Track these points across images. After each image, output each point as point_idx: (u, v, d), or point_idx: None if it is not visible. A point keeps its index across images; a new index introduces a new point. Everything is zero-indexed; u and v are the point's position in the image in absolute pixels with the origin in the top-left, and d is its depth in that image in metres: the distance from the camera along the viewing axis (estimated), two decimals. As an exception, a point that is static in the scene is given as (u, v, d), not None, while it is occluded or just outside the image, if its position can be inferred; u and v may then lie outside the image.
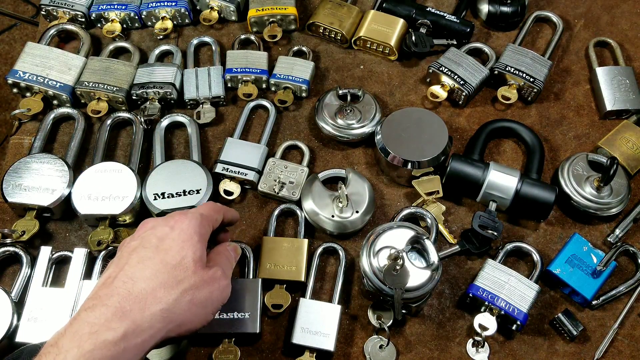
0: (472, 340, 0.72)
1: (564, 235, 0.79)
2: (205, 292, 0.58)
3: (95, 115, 0.86)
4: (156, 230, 0.60)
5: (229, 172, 0.80)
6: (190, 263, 0.58)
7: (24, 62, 0.86)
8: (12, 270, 0.76)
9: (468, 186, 0.79)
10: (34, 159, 0.79)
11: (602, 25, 0.97)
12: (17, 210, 0.78)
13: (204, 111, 0.86)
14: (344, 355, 0.71)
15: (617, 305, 0.75)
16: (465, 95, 0.87)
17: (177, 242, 0.59)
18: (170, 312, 0.55)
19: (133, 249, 0.58)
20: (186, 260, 0.58)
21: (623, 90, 0.87)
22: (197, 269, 0.58)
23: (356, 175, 0.80)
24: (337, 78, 0.92)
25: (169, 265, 0.57)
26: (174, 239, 0.59)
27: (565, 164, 0.81)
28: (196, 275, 0.58)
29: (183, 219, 0.60)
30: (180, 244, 0.58)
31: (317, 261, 0.76)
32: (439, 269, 0.68)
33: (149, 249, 0.58)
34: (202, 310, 0.58)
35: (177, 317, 0.56)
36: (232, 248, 0.67)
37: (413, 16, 0.94)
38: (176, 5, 0.93)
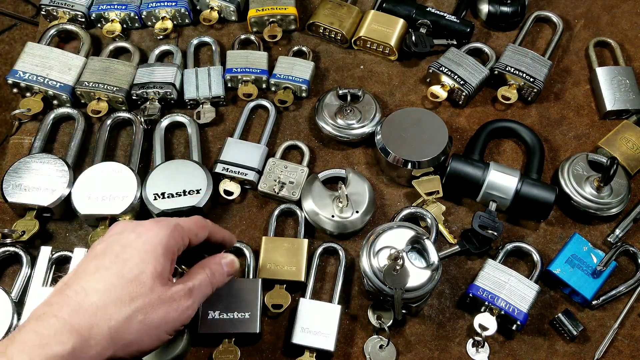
0: (472, 340, 0.72)
1: (564, 235, 0.79)
2: (161, 312, 0.54)
3: (95, 115, 0.86)
4: (121, 237, 0.56)
5: (229, 172, 0.80)
6: (148, 278, 0.53)
7: (24, 62, 0.86)
8: (12, 270, 0.76)
9: (468, 186, 0.79)
10: (34, 159, 0.79)
11: (602, 25, 0.97)
12: (17, 210, 0.78)
13: (204, 111, 0.86)
14: (344, 355, 0.71)
15: (617, 305, 0.75)
16: (465, 95, 0.87)
17: (139, 252, 0.54)
18: (119, 331, 0.51)
19: (95, 255, 0.55)
20: (144, 275, 0.53)
21: (623, 90, 0.87)
22: (155, 285, 0.54)
23: (356, 175, 0.80)
24: (337, 78, 0.92)
25: (125, 278, 0.53)
26: (137, 248, 0.54)
27: (565, 164, 0.81)
28: (153, 294, 0.53)
29: (152, 226, 0.56)
30: (142, 255, 0.54)
31: (317, 261, 0.76)
32: (439, 269, 0.68)
33: (109, 258, 0.54)
34: (154, 331, 0.54)
35: (126, 337, 0.52)
36: (228, 262, 0.62)
37: (413, 16, 0.94)
38: (176, 5, 0.93)
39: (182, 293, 0.56)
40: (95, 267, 0.53)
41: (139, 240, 0.55)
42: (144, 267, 0.54)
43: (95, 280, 0.52)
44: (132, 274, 0.53)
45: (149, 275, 0.54)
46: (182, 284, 0.56)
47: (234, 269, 0.63)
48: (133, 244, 0.55)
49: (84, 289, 0.52)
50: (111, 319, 0.51)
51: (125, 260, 0.54)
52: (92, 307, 0.51)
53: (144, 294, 0.53)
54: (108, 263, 0.54)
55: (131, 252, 0.54)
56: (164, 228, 0.56)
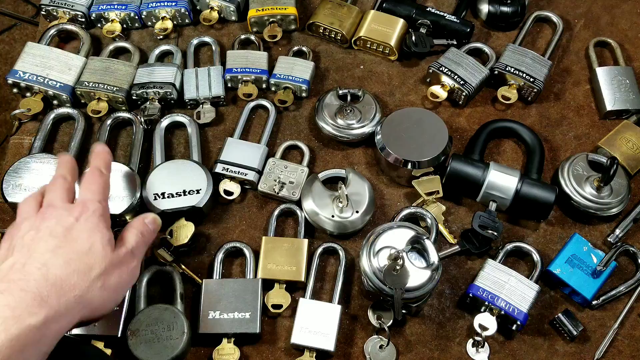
0: (472, 340, 0.72)
1: (564, 235, 0.79)
2: (115, 276, 0.59)
3: (95, 115, 0.86)
4: (61, 220, 0.59)
5: (229, 172, 0.80)
6: (99, 248, 0.59)
7: (24, 62, 0.86)
8: (12, 270, 0.75)
9: (468, 186, 0.79)
10: (34, 159, 0.78)
11: (602, 25, 0.97)
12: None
13: (204, 111, 0.86)
14: (344, 355, 0.71)
15: (617, 305, 0.75)
16: (465, 95, 0.87)
17: (84, 230, 0.59)
18: (84, 298, 0.56)
19: (32, 239, 0.58)
20: (96, 245, 0.59)
21: (623, 90, 0.87)
22: (106, 253, 0.59)
23: (356, 175, 0.80)
24: (337, 78, 0.92)
25: (80, 252, 0.57)
26: (81, 229, 0.59)
27: (565, 164, 0.81)
28: (106, 260, 0.59)
29: (85, 210, 0.61)
30: (88, 232, 0.59)
31: (317, 261, 0.76)
32: (439, 269, 0.68)
33: (57, 238, 0.57)
34: (113, 294, 0.60)
35: (91, 302, 0.57)
36: (150, 220, 0.67)
37: (413, 16, 0.94)
38: (176, 5, 0.93)
39: (128, 255, 0.62)
40: (46, 247, 0.57)
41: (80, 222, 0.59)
42: (93, 240, 0.59)
43: (52, 257, 0.56)
44: (85, 247, 0.58)
45: (99, 246, 0.59)
46: (123, 247, 0.62)
47: (157, 225, 0.68)
48: (76, 226, 0.59)
49: (45, 264, 0.55)
50: (75, 288, 0.55)
51: (74, 239, 0.58)
52: (57, 279, 0.55)
53: (99, 263, 0.58)
54: (59, 242, 0.57)
55: (77, 232, 0.59)
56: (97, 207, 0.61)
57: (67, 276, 0.55)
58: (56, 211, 0.61)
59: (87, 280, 0.57)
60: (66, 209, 0.61)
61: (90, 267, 0.57)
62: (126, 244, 0.63)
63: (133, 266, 0.62)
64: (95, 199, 0.63)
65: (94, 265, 0.58)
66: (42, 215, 0.61)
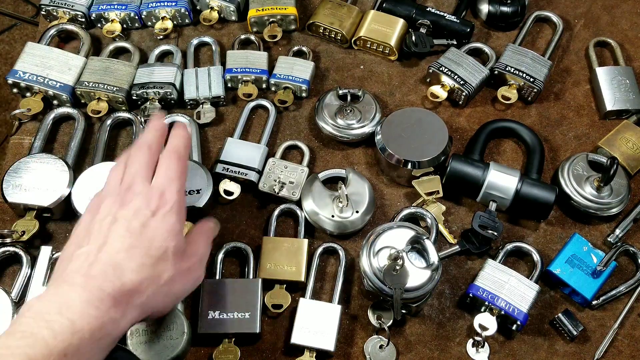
0: (472, 340, 0.72)
1: (564, 235, 0.79)
2: (180, 284, 0.60)
3: (95, 115, 0.86)
4: (138, 214, 0.58)
5: (229, 172, 0.80)
6: (171, 256, 0.58)
7: (24, 62, 0.86)
8: (12, 270, 0.75)
9: (468, 186, 0.79)
10: (34, 159, 0.78)
11: (602, 25, 0.97)
12: (17, 210, 0.77)
13: (204, 111, 0.86)
14: (344, 355, 0.71)
15: (617, 305, 0.75)
16: (465, 95, 0.87)
17: (161, 231, 0.58)
18: (146, 304, 0.57)
19: (109, 229, 0.57)
20: (168, 252, 0.58)
21: (623, 90, 0.87)
22: (176, 261, 0.59)
23: (356, 175, 0.80)
24: (337, 78, 0.92)
25: (153, 257, 0.57)
26: (157, 227, 0.58)
27: (565, 164, 0.81)
28: (174, 268, 0.58)
29: (163, 203, 0.59)
30: (164, 234, 0.58)
31: (317, 261, 0.76)
32: (439, 269, 0.68)
33: (133, 236, 0.57)
34: (173, 299, 0.61)
35: (151, 307, 0.58)
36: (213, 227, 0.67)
37: (413, 16, 0.94)
38: (176, 5, 0.93)
39: (196, 265, 0.62)
40: (122, 244, 0.56)
41: (156, 219, 0.58)
42: (167, 245, 0.58)
43: (126, 258, 0.56)
44: (159, 252, 0.57)
45: (171, 253, 0.58)
46: (194, 255, 0.62)
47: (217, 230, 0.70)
48: (152, 223, 0.58)
49: (119, 265, 0.55)
50: (142, 294, 0.56)
51: (149, 240, 0.57)
52: (128, 284, 0.55)
53: (168, 270, 0.58)
54: (135, 241, 0.57)
55: (153, 232, 0.58)
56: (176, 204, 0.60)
57: (139, 282, 0.55)
58: (135, 198, 0.59)
59: (155, 287, 0.57)
60: (144, 195, 0.59)
61: (160, 275, 0.57)
62: (197, 253, 0.62)
63: (198, 275, 0.63)
64: (174, 188, 0.61)
65: (163, 273, 0.57)
66: (122, 199, 0.60)
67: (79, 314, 0.51)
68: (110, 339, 0.53)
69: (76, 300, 0.52)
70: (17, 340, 0.48)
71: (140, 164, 0.62)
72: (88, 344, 0.50)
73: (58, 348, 0.48)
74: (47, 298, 0.52)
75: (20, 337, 0.48)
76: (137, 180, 0.61)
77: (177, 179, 0.62)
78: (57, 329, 0.49)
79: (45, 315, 0.50)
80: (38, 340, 0.48)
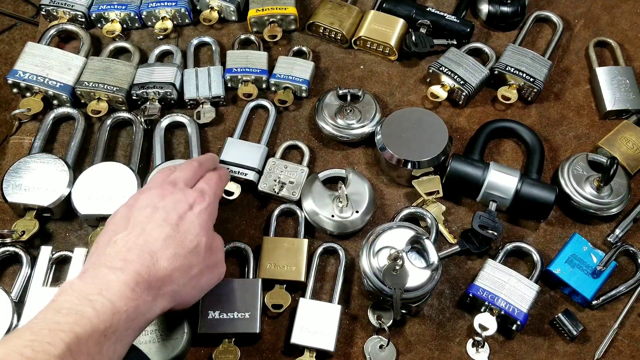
0: (472, 340, 0.72)
1: (564, 235, 0.79)
2: (207, 277, 0.63)
3: (95, 115, 0.86)
4: (177, 206, 0.61)
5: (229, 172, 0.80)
6: (202, 250, 0.61)
7: (24, 62, 0.86)
8: (12, 270, 0.76)
9: (468, 186, 0.79)
10: (34, 159, 0.79)
11: (602, 25, 0.97)
12: (17, 210, 0.78)
13: (204, 111, 0.86)
14: (344, 355, 0.71)
15: (617, 305, 0.75)
16: (465, 95, 0.87)
17: (195, 225, 0.61)
18: (176, 294, 0.59)
19: (148, 218, 0.60)
20: (200, 246, 0.61)
21: (623, 90, 0.87)
22: (206, 255, 0.62)
23: (356, 175, 0.80)
24: (337, 78, 0.92)
25: (186, 249, 0.60)
26: (193, 221, 0.61)
27: (565, 164, 0.81)
28: (204, 262, 0.62)
29: (201, 200, 0.64)
30: (198, 229, 0.61)
31: (317, 261, 0.76)
32: (439, 269, 0.68)
33: (170, 226, 0.60)
34: (200, 293, 0.64)
35: (181, 297, 0.60)
36: None
37: (413, 16, 0.94)
38: (176, 5, 0.93)
39: (220, 261, 0.66)
40: (159, 233, 0.59)
41: (193, 214, 0.62)
42: (200, 240, 0.61)
43: (162, 246, 0.58)
44: (192, 245, 0.60)
45: (203, 247, 0.61)
46: (220, 252, 0.66)
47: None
48: (189, 217, 0.61)
49: (155, 253, 0.58)
50: (174, 283, 0.58)
51: (185, 232, 0.60)
52: (163, 271, 0.57)
53: (198, 264, 0.61)
54: (171, 232, 0.60)
55: (188, 225, 0.61)
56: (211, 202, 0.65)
57: (172, 271, 0.58)
58: (175, 192, 0.63)
59: (185, 277, 0.60)
60: (184, 191, 0.64)
61: (191, 266, 0.60)
62: (220, 248, 0.66)
63: (222, 270, 0.66)
64: (212, 192, 0.66)
65: (194, 265, 0.60)
66: (162, 192, 0.63)
67: (117, 295, 0.53)
68: (143, 321, 0.55)
69: (115, 282, 0.54)
70: (65, 316, 0.50)
71: (186, 172, 0.67)
72: (124, 324, 0.52)
73: (100, 327, 0.50)
74: (87, 280, 0.54)
75: (66, 313, 0.50)
76: (180, 181, 0.65)
77: (216, 189, 0.67)
78: (100, 309, 0.51)
79: (88, 295, 0.52)
80: (84, 318, 0.50)
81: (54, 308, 0.51)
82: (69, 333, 0.48)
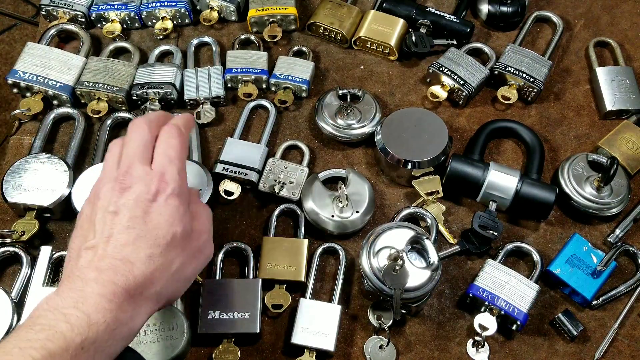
0: (472, 340, 0.72)
1: (564, 235, 0.79)
2: (192, 267, 0.59)
3: (95, 115, 0.86)
4: (138, 200, 0.55)
5: (229, 172, 0.80)
6: (179, 240, 0.56)
7: (24, 62, 0.86)
8: (12, 270, 0.76)
9: (468, 186, 0.79)
10: (34, 159, 0.78)
11: (602, 25, 0.97)
12: (17, 210, 0.78)
13: (204, 111, 0.86)
14: (344, 355, 0.71)
15: (617, 305, 0.75)
16: (465, 95, 0.87)
17: (165, 216, 0.56)
18: (160, 294, 0.56)
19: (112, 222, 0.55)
20: (176, 237, 0.56)
21: (623, 90, 0.87)
22: (185, 243, 0.57)
23: (356, 175, 0.80)
24: (337, 78, 0.92)
25: (161, 246, 0.55)
26: (161, 213, 0.56)
27: (565, 164, 0.81)
28: (184, 253, 0.57)
29: (164, 185, 0.57)
30: (169, 219, 0.56)
31: (317, 261, 0.76)
32: (439, 269, 0.68)
33: (138, 225, 0.55)
34: (186, 283, 0.59)
35: (166, 295, 0.57)
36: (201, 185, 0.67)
37: (413, 16, 0.94)
38: (176, 5, 0.93)
39: (205, 242, 0.60)
40: (127, 235, 0.54)
41: (158, 204, 0.56)
42: (174, 231, 0.56)
43: (135, 250, 0.54)
44: (166, 240, 0.55)
45: (179, 238, 0.56)
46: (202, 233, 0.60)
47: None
48: (154, 209, 0.56)
49: (128, 259, 0.53)
50: (155, 285, 0.55)
51: (155, 227, 0.55)
52: (140, 277, 0.53)
53: (178, 255, 0.56)
54: (140, 231, 0.55)
55: (157, 218, 0.55)
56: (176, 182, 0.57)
57: (150, 273, 0.54)
58: (135, 183, 0.56)
59: (167, 275, 0.56)
60: (143, 179, 0.57)
61: (171, 262, 0.56)
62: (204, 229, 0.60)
63: (209, 252, 0.61)
64: (174, 169, 0.58)
65: (174, 260, 0.56)
66: (121, 185, 0.56)
67: (93, 307, 0.51)
68: (127, 330, 0.53)
69: (90, 294, 0.51)
70: (37, 333, 0.48)
71: (137, 144, 0.59)
72: (104, 335, 0.50)
73: (75, 341, 0.48)
74: (62, 293, 0.52)
75: (39, 329, 0.49)
76: (135, 163, 0.58)
77: (177, 159, 0.59)
78: (74, 323, 0.49)
79: (62, 309, 0.50)
80: (57, 333, 0.48)
81: (28, 325, 0.50)
82: (40, 350, 0.47)
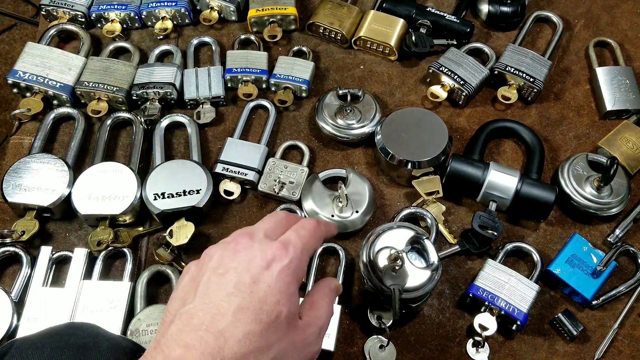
0: (472, 340, 0.72)
1: (564, 235, 0.79)
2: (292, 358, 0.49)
3: (95, 115, 0.86)
4: (250, 265, 0.49)
5: (229, 172, 0.80)
6: (283, 323, 0.48)
7: (24, 62, 0.86)
8: (12, 270, 0.76)
9: (468, 186, 0.79)
10: (34, 159, 0.79)
11: (602, 25, 0.97)
12: (17, 210, 0.78)
13: (204, 111, 0.86)
14: (344, 355, 0.71)
15: (617, 305, 0.75)
16: (465, 95, 0.87)
17: (274, 290, 0.48)
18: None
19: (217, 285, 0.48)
20: (281, 317, 0.48)
21: (623, 90, 0.88)
22: (288, 330, 0.48)
23: (356, 175, 0.80)
24: (337, 78, 0.92)
25: (263, 323, 0.47)
26: (270, 285, 0.48)
27: (565, 164, 0.81)
28: (287, 339, 0.48)
29: (283, 255, 0.50)
30: (277, 294, 0.48)
31: (317, 261, 0.76)
32: (438, 269, 0.68)
33: (242, 294, 0.47)
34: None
35: None
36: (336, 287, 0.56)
37: (413, 16, 0.94)
38: (176, 5, 0.93)
39: (313, 336, 0.51)
40: (229, 303, 0.47)
41: (271, 274, 0.49)
42: (280, 309, 0.48)
43: (233, 323, 0.46)
44: (270, 317, 0.47)
45: (283, 319, 0.48)
46: (313, 325, 0.52)
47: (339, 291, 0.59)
48: (265, 279, 0.48)
49: (223, 334, 0.46)
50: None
51: (261, 300, 0.47)
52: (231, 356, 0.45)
53: (279, 340, 0.48)
54: (244, 302, 0.47)
55: (265, 289, 0.48)
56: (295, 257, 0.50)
57: (244, 355, 0.45)
58: (251, 246, 0.50)
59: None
60: (261, 244, 0.50)
61: (269, 347, 0.47)
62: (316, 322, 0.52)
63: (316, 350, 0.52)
64: (300, 244, 0.51)
65: (273, 346, 0.47)
66: (235, 246, 0.51)
67: None
68: None
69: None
70: None
71: (269, 221, 0.54)
72: None
73: None
74: None
75: None
76: (260, 231, 0.52)
77: (307, 238, 0.53)
78: None
79: None
80: None
81: None
82: None
